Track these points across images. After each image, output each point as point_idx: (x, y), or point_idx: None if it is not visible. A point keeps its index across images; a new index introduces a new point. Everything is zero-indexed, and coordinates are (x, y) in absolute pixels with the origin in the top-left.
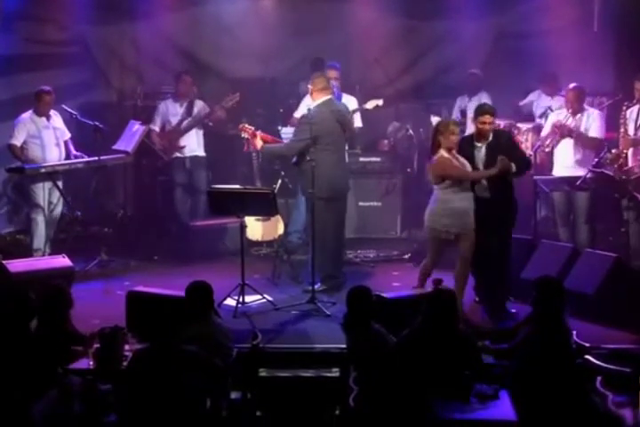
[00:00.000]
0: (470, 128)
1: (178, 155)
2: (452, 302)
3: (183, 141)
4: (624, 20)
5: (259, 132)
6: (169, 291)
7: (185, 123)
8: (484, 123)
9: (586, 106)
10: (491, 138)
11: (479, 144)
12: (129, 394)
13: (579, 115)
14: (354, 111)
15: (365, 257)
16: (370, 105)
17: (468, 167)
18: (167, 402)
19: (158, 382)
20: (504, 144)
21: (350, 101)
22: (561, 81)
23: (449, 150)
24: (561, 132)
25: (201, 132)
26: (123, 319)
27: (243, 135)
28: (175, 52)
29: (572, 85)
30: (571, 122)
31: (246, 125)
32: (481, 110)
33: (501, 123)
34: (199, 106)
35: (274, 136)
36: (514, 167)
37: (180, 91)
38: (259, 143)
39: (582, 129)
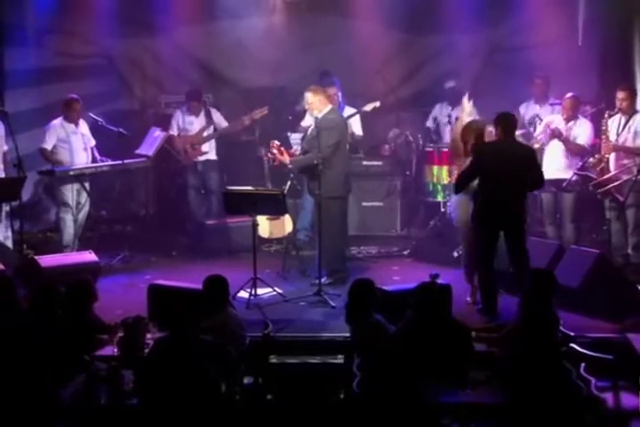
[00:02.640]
0: (446, 136)
1: (192, 160)
2: (442, 295)
3: (205, 148)
4: (606, 35)
5: (283, 150)
6: (186, 284)
7: (206, 132)
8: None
9: (579, 115)
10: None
11: None
12: (150, 379)
13: (571, 122)
14: (353, 114)
15: (368, 253)
16: (368, 107)
17: None
18: (185, 386)
19: (177, 367)
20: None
21: (351, 112)
22: (549, 91)
23: None
24: (552, 132)
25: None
26: (144, 310)
27: (273, 151)
28: (192, 63)
29: (569, 94)
30: (563, 126)
31: (275, 142)
32: None
33: (493, 130)
34: (216, 114)
35: (282, 141)
36: None
37: (193, 105)
38: (286, 158)
39: (572, 135)
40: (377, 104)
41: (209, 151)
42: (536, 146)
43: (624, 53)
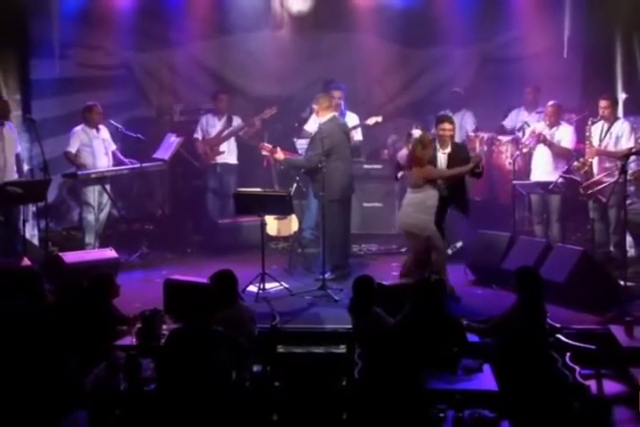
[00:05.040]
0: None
1: (211, 162)
2: (438, 288)
3: (222, 148)
4: (589, 48)
5: (278, 148)
6: (200, 279)
7: (225, 132)
8: (444, 130)
9: (562, 121)
10: (450, 148)
11: (442, 150)
12: (166, 367)
13: (555, 127)
14: (356, 126)
15: (368, 250)
16: (371, 121)
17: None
18: (198, 374)
19: (191, 357)
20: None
21: (352, 118)
22: (539, 98)
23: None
24: (537, 138)
25: (234, 143)
26: (161, 303)
27: (263, 153)
28: (206, 74)
29: (551, 102)
30: (547, 132)
31: (265, 144)
32: (441, 119)
33: (485, 135)
34: (237, 119)
35: (290, 146)
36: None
37: (218, 107)
38: (280, 156)
39: (555, 140)
40: (379, 119)
41: (227, 152)
42: (524, 150)
43: (606, 65)
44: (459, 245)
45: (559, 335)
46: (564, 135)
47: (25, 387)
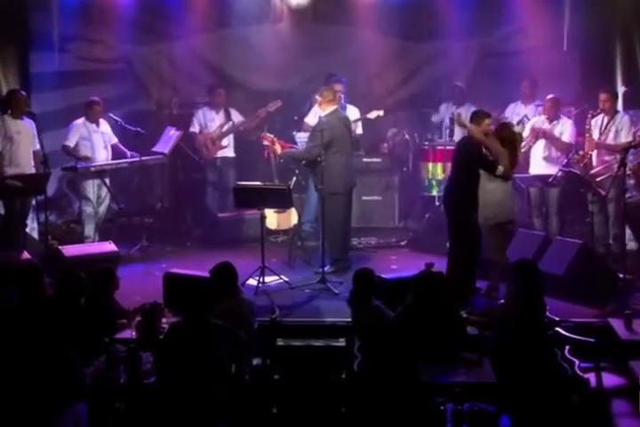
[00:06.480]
0: (457, 133)
1: (213, 156)
2: (439, 282)
3: (224, 142)
4: (589, 41)
5: (276, 140)
6: (200, 272)
7: (226, 127)
8: (489, 125)
9: (561, 115)
10: None
11: None
12: (166, 360)
13: (554, 121)
14: (357, 120)
15: (368, 244)
16: (372, 115)
17: None
18: (198, 367)
19: (190, 350)
20: None
21: (353, 111)
22: (536, 92)
23: None
24: (536, 134)
25: (232, 136)
26: (160, 296)
27: (264, 143)
28: (205, 67)
29: (549, 96)
30: (546, 127)
31: (267, 134)
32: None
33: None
34: (235, 112)
35: (289, 140)
36: None
37: (216, 101)
38: (278, 148)
39: (556, 133)
40: (380, 113)
41: (228, 146)
42: (523, 150)
43: (605, 58)
44: None
45: (558, 328)
46: (564, 129)
47: (25, 380)
